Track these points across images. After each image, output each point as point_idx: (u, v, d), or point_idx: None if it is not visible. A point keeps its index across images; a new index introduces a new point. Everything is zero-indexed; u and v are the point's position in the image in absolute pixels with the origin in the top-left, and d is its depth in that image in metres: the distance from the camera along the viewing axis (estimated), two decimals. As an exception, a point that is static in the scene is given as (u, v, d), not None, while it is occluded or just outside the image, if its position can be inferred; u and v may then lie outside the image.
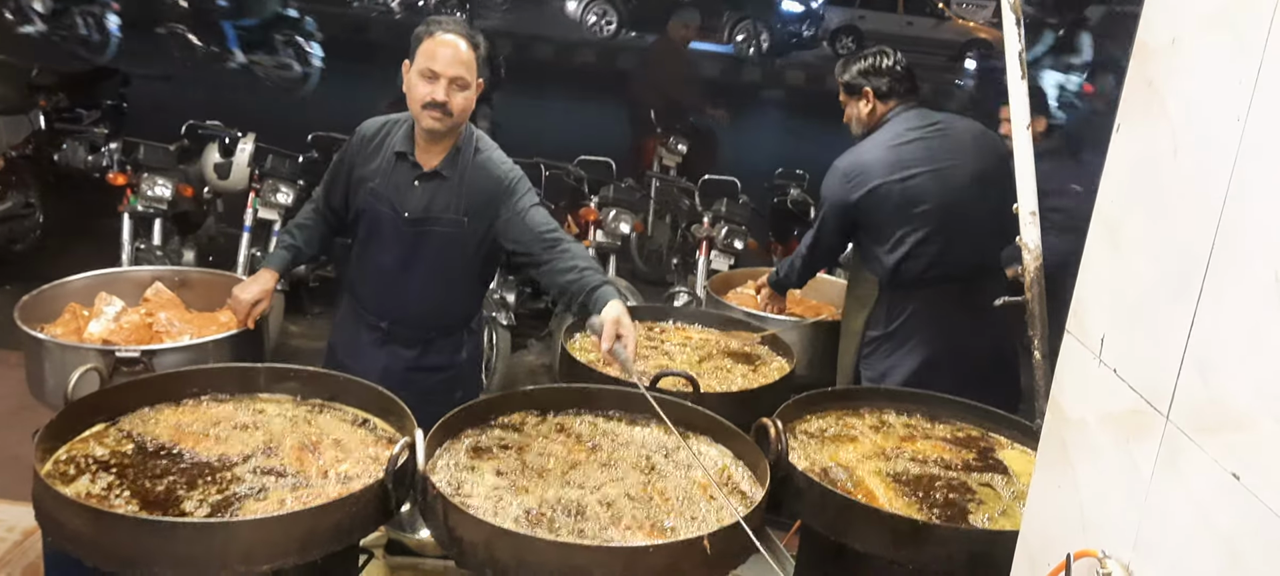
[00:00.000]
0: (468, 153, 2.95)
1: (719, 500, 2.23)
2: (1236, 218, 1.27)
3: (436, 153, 2.93)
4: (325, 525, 1.99)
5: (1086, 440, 1.60)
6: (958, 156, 3.37)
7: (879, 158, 3.38)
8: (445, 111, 2.81)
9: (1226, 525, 1.25)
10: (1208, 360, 1.31)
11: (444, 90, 2.78)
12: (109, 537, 1.89)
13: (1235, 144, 1.28)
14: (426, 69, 2.79)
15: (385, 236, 2.98)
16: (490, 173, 2.95)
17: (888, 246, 3.37)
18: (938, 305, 3.40)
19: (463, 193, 2.93)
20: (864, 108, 3.48)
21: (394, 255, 2.98)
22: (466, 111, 2.87)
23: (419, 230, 2.94)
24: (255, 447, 2.29)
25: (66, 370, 2.45)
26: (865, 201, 3.35)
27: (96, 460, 2.18)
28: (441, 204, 2.93)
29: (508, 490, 2.18)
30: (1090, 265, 1.62)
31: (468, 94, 2.84)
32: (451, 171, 2.93)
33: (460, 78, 2.80)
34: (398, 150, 2.96)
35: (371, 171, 2.99)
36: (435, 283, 3.00)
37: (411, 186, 2.94)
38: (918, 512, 2.30)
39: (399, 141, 2.97)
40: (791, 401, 2.67)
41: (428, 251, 2.96)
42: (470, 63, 2.81)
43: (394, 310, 3.04)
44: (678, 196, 6.85)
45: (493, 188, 2.94)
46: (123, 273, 3.38)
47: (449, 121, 2.83)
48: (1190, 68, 1.40)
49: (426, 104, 2.80)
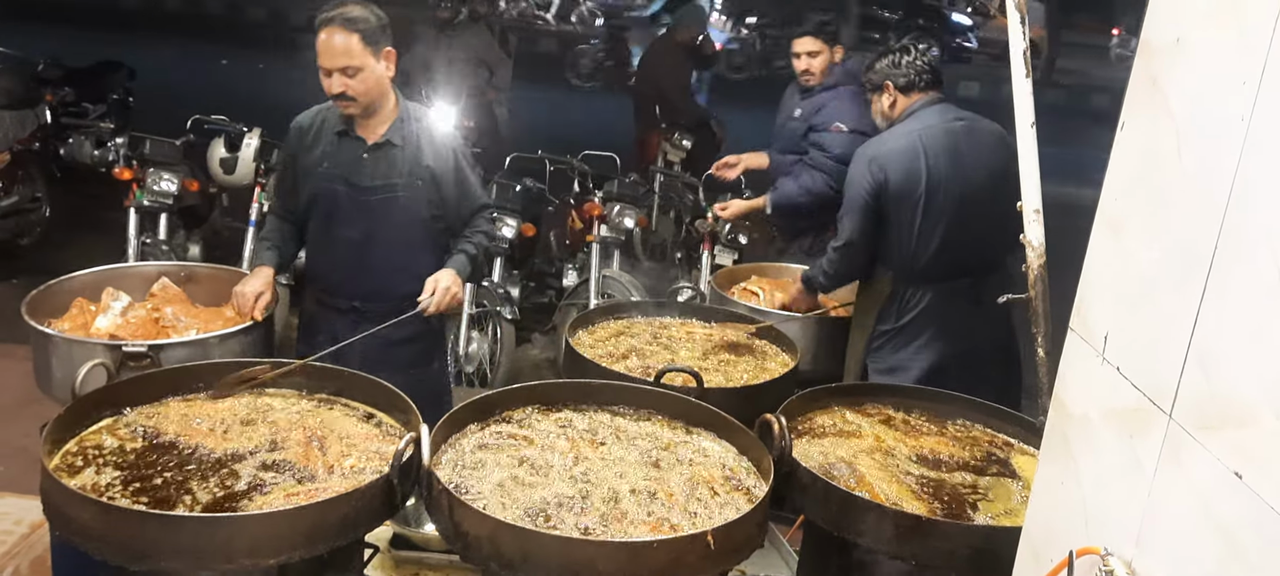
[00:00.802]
0: (409, 120, 3.13)
1: (723, 495, 2.23)
2: (1240, 216, 1.28)
3: (377, 126, 3.10)
4: (331, 519, 2.00)
5: (1089, 436, 1.61)
6: (978, 153, 3.39)
7: (900, 146, 3.44)
8: (347, 98, 2.98)
9: (1229, 522, 1.25)
10: (1210, 357, 1.31)
11: (339, 82, 2.96)
12: (116, 531, 1.91)
13: (1239, 142, 1.28)
14: (320, 66, 2.99)
15: (345, 213, 3.12)
16: (434, 137, 3.16)
17: (904, 235, 3.41)
18: (949, 300, 3.42)
19: (415, 158, 3.11)
20: (886, 101, 3.57)
21: (358, 228, 3.12)
22: (373, 88, 3.02)
23: (378, 198, 3.10)
24: (261, 442, 2.30)
25: (74, 364, 2.47)
26: (885, 188, 3.40)
27: (103, 454, 2.20)
28: (397, 171, 3.10)
29: (512, 484, 2.19)
30: (1094, 261, 1.63)
31: (365, 74, 2.98)
32: (400, 138, 3.10)
33: (348, 66, 2.95)
34: (338, 130, 3.12)
35: (317, 157, 3.14)
36: (399, 249, 3.16)
37: (361, 160, 3.10)
38: (921, 508, 2.31)
39: (337, 121, 3.12)
40: (795, 397, 2.68)
41: (389, 219, 3.12)
42: (352, 48, 2.94)
43: (364, 285, 3.17)
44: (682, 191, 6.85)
45: (437, 151, 3.14)
46: (129, 268, 3.40)
47: (356, 105, 3.01)
48: (1194, 66, 1.40)
49: (331, 97, 3.01)
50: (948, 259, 3.39)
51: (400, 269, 3.16)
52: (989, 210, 3.32)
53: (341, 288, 3.21)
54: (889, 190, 3.41)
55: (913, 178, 3.38)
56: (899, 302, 3.47)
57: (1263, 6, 1.26)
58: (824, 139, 4.37)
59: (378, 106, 3.08)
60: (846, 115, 4.35)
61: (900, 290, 3.47)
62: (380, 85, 3.03)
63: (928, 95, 3.51)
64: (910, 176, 3.39)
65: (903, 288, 3.46)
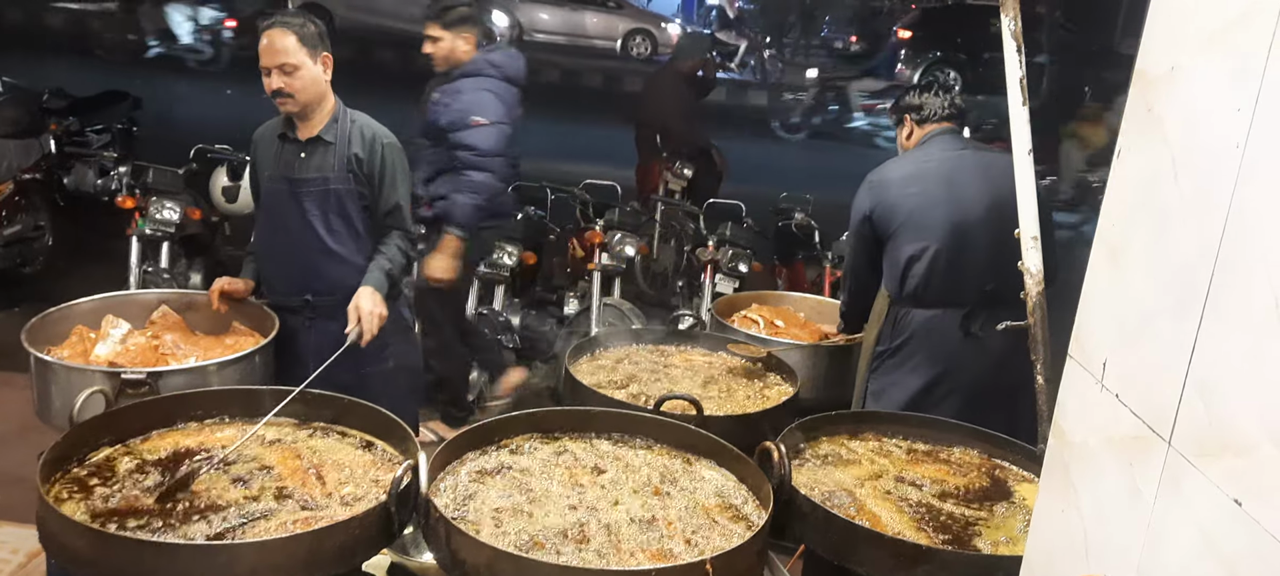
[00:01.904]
0: (344, 121, 3.30)
1: (722, 524, 2.22)
2: (1237, 242, 1.28)
3: (313, 125, 3.28)
4: (328, 547, 1.99)
5: (1089, 464, 1.60)
6: (978, 181, 3.41)
7: (900, 171, 3.52)
8: (285, 94, 3.16)
9: (1229, 551, 1.25)
10: (1209, 385, 1.31)
11: (277, 79, 3.15)
12: (112, 560, 1.90)
13: (1235, 169, 1.29)
14: (261, 65, 3.18)
15: (285, 208, 3.31)
16: (366, 134, 3.31)
17: (896, 257, 3.43)
18: (939, 325, 3.43)
19: (344, 151, 3.27)
20: (904, 133, 3.66)
21: (296, 221, 3.29)
22: (309, 87, 3.20)
23: (309, 190, 3.27)
24: (259, 469, 2.29)
25: (72, 392, 2.47)
26: (879, 209, 3.46)
27: (101, 482, 2.19)
28: (328, 165, 3.27)
29: (510, 513, 2.18)
30: (1092, 289, 1.63)
31: (303, 72, 3.17)
32: (333, 135, 3.27)
33: (285, 64, 3.14)
34: (279, 133, 3.32)
35: (266, 161, 3.36)
36: (338, 241, 3.31)
37: (299, 158, 3.29)
38: (922, 537, 2.29)
39: (278, 126, 3.33)
40: (795, 425, 2.67)
41: (325, 209, 3.28)
42: (290, 47, 3.14)
43: (309, 280, 3.32)
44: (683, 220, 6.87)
45: (369, 143, 3.31)
46: (129, 295, 3.41)
47: (294, 102, 3.20)
48: (1190, 94, 1.41)
49: (271, 94, 3.20)
50: (939, 284, 3.40)
51: (338, 261, 3.31)
52: (987, 238, 3.33)
53: (292, 283, 3.37)
54: (878, 211, 3.47)
55: (903, 199, 3.42)
56: (893, 324, 3.50)
57: (1256, 35, 1.27)
58: (467, 137, 4.41)
59: (314, 108, 3.26)
60: (486, 108, 4.42)
61: (893, 311, 3.49)
62: (316, 86, 3.23)
63: (941, 126, 3.55)
64: (901, 198, 3.43)
65: (896, 309, 3.48)
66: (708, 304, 5.51)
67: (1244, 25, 1.30)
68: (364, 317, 3.06)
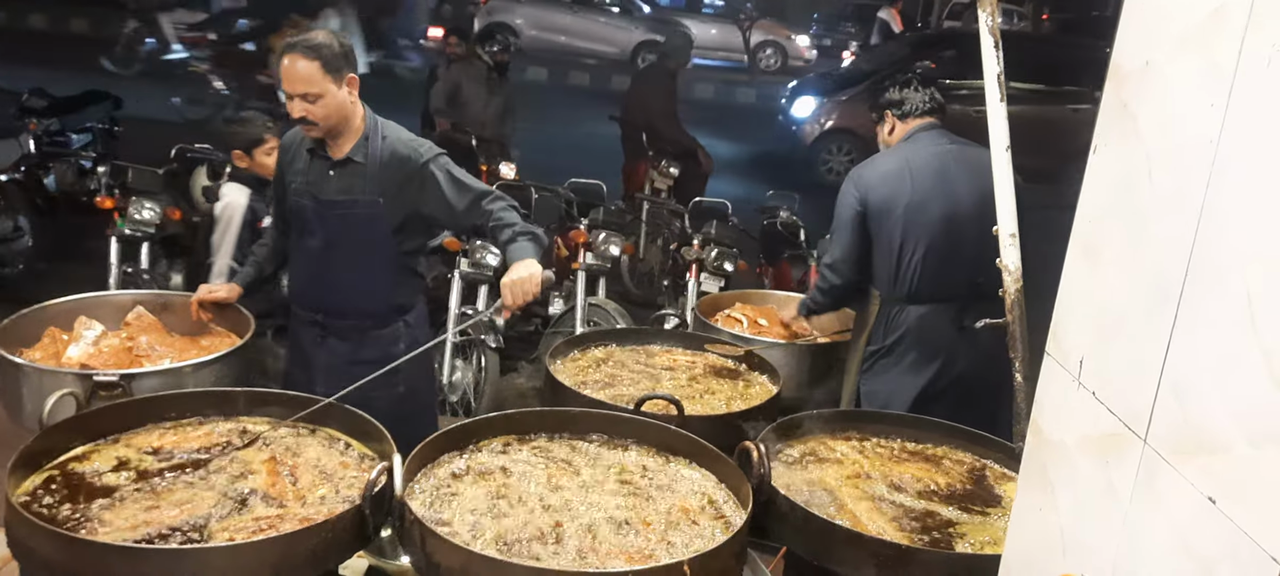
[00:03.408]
0: (376, 139, 3.18)
1: (701, 524, 2.21)
2: (1211, 239, 1.27)
3: (343, 145, 3.18)
4: (300, 551, 1.97)
5: (1067, 463, 1.59)
6: (966, 178, 3.41)
7: (888, 168, 3.50)
8: (309, 122, 3.08)
9: (1203, 549, 1.24)
10: (1183, 382, 1.30)
11: (300, 106, 3.05)
12: (80, 564, 1.87)
13: (1209, 165, 1.28)
14: (284, 90, 3.10)
15: (309, 225, 3.21)
16: (398, 153, 3.18)
17: (887, 255, 3.44)
18: (933, 321, 3.43)
19: (376, 175, 3.16)
20: (886, 129, 3.63)
21: (318, 240, 3.20)
22: (334, 113, 3.10)
23: (337, 213, 3.17)
24: (232, 472, 2.26)
25: (43, 394, 2.44)
26: (869, 207, 3.45)
27: (70, 485, 2.16)
28: (358, 187, 3.16)
29: (487, 515, 2.16)
30: (1069, 286, 1.62)
31: (326, 100, 3.06)
32: (364, 157, 3.16)
33: (307, 93, 3.05)
34: (309, 147, 3.22)
35: (296, 172, 3.25)
36: (359, 266, 3.21)
37: (328, 176, 3.18)
38: (902, 537, 2.28)
39: (310, 139, 3.22)
40: (776, 424, 2.65)
41: (348, 234, 3.18)
42: (313, 75, 3.03)
43: (325, 297, 3.24)
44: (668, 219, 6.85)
45: (401, 165, 3.16)
46: (104, 296, 3.37)
47: (318, 128, 3.10)
48: (1163, 91, 1.40)
49: (295, 120, 3.12)
50: (932, 280, 3.40)
51: (359, 285, 3.20)
52: (977, 233, 3.33)
53: (306, 298, 3.32)
54: (871, 208, 3.45)
55: (896, 196, 3.42)
56: (885, 322, 3.49)
57: (1229, 31, 1.26)
58: None
59: (342, 128, 3.16)
60: None
61: (885, 310, 3.48)
62: (341, 110, 3.11)
63: (924, 121, 3.55)
64: (893, 195, 3.42)
65: (888, 307, 3.48)
66: (692, 303, 5.49)
67: (1217, 21, 1.29)
68: (516, 291, 2.86)
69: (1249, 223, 1.20)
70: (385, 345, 3.16)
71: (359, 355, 3.13)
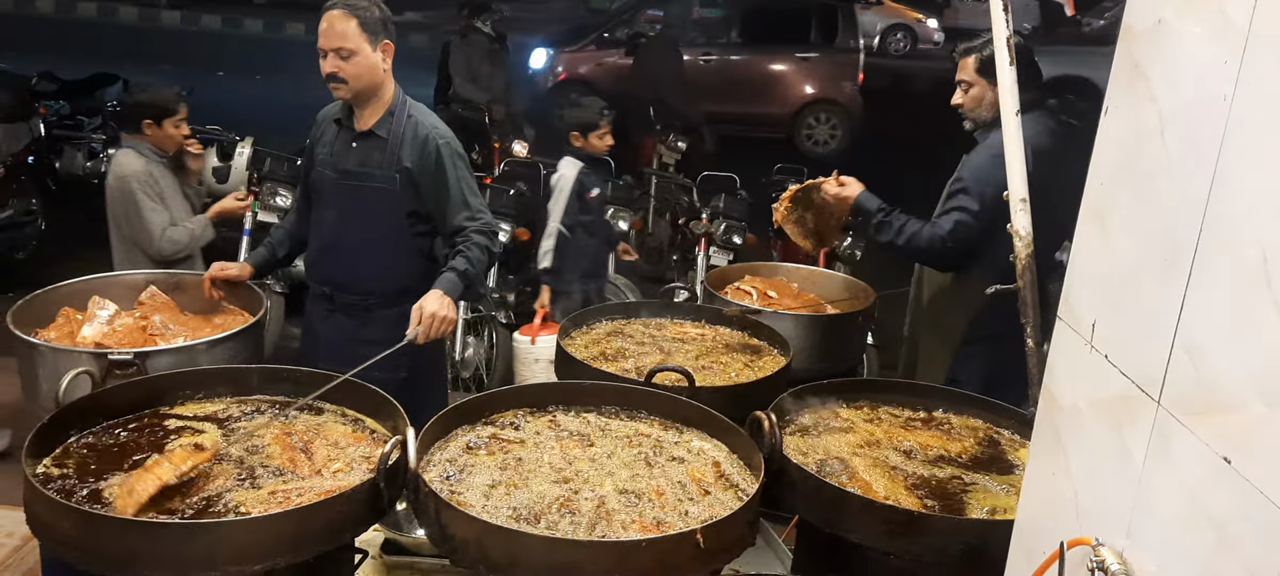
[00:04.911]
0: (401, 115, 3.15)
1: (714, 494, 2.21)
2: (1224, 198, 1.26)
3: (368, 116, 3.15)
4: (316, 524, 1.98)
5: (1079, 427, 1.59)
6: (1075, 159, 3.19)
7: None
8: (339, 80, 3.04)
9: (1218, 510, 1.23)
10: (1197, 343, 1.29)
11: (332, 62, 3.01)
12: (98, 540, 1.88)
13: (1222, 123, 1.26)
14: (319, 46, 3.05)
15: (326, 197, 3.22)
16: (419, 133, 3.14)
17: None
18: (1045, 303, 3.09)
19: (396, 151, 3.13)
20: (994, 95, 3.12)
21: (332, 212, 3.20)
22: (365, 74, 3.06)
23: (352, 184, 3.17)
24: (247, 447, 2.28)
25: (58, 373, 2.46)
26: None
27: (88, 462, 2.17)
28: (375, 161, 3.14)
29: (500, 487, 2.17)
30: (1080, 249, 1.61)
31: (359, 59, 3.02)
32: (387, 132, 3.13)
33: (342, 48, 3.00)
34: (336, 118, 3.21)
35: (322, 145, 3.25)
36: (370, 241, 3.19)
37: (349, 148, 3.18)
38: (914, 503, 2.28)
39: (337, 110, 3.22)
40: (786, 394, 2.65)
41: (361, 208, 3.17)
42: (349, 32, 3.00)
43: (334, 271, 3.24)
44: (677, 193, 6.84)
45: (421, 145, 3.13)
46: (117, 276, 3.38)
47: (348, 89, 3.07)
48: (1176, 48, 1.38)
49: (325, 77, 3.05)
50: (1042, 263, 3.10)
51: (368, 262, 3.19)
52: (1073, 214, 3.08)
53: (317, 270, 3.33)
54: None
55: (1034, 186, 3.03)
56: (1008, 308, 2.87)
57: (1243, -15, 1.24)
58: None
59: (371, 96, 3.12)
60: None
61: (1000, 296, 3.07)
62: (373, 73, 3.08)
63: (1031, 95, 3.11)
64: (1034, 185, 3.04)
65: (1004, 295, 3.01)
66: (702, 276, 5.49)
67: (1231, -25, 1.27)
68: (425, 319, 2.87)
69: (1263, 180, 1.18)
70: (390, 326, 3.12)
71: (363, 334, 3.14)
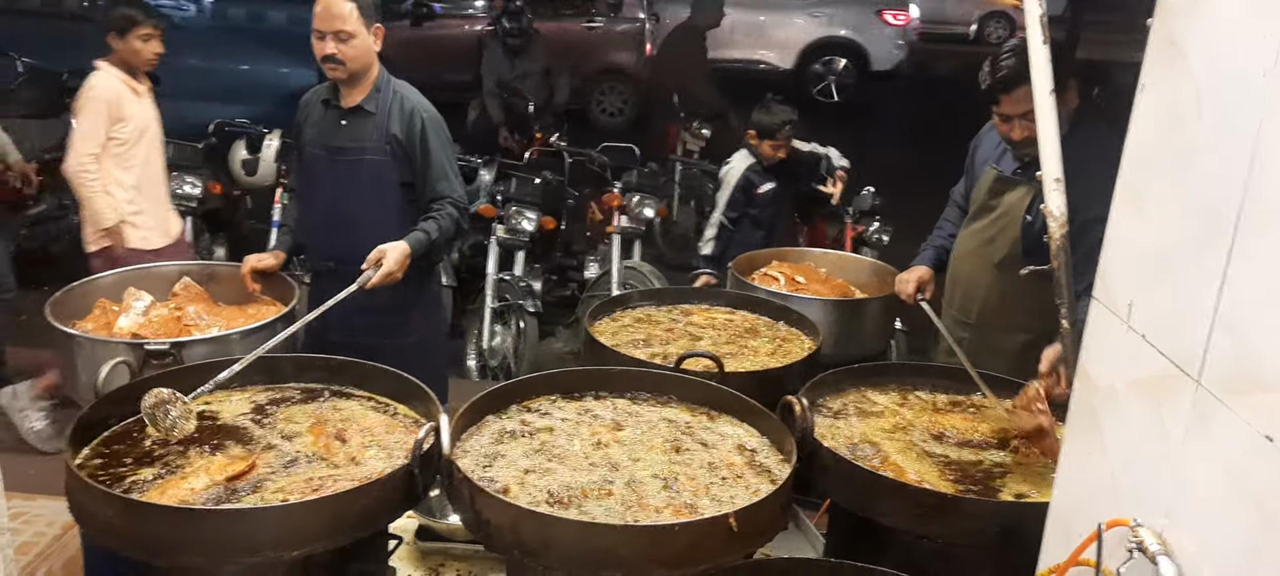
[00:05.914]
0: (387, 91, 3.30)
1: (746, 478, 2.22)
2: (1264, 174, 1.24)
3: (356, 94, 3.29)
4: (352, 510, 2.00)
5: (1116, 407, 1.57)
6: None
7: None
8: (337, 61, 3.16)
9: (1260, 488, 1.22)
10: (1237, 320, 1.28)
11: (331, 44, 3.15)
12: (139, 527, 1.92)
13: (1261, 98, 1.25)
14: (315, 28, 3.18)
15: (319, 174, 3.35)
16: (405, 107, 3.29)
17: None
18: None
19: (384, 124, 3.27)
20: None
21: (330, 189, 3.33)
22: (361, 56, 3.21)
23: (345, 159, 3.29)
24: (282, 435, 2.31)
25: (97, 364, 2.49)
26: None
27: (128, 451, 2.21)
28: (365, 134, 3.28)
29: (533, 472, 2.18)
30: (1116, 229, 1.59)
31: (356, 41, 3.17)
32: (374, 106, 3.28)
33: (341, 31, 3.14)
34: (323, 99, 3.35)
35: (309, 126, 3.39)
36: (365, 212, 3.31)
37: (339, 126, 3.31)
38: (946, 486, 2.28)
39: (324, 91, 3.35)
40: (817, 378, 2.65)
41: (355, 181, 3.29)
42: (347, 15, 3.14)
43: (336, 246, 3.32)
44: (702, 180, 6.82)
45: (408, 117, 3.27)
46: (151, 268, 3.43)
47: (344, 70, 3.20)
48: (1213, 22, 1.36)
49: (322, 58, 3.20)
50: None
51: (368, 233, 3.23)
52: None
53: (319, 247, 3.43)
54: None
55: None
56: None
57: (1284, -44, 1.22)
58: None
59: (361, 76, 3.27)
60: None
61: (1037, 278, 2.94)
62: (367, 54, 3.23)
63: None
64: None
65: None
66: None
67: (1271, -53, 1.25)
68: (385, 263, 3.01)
69: (1306, 154, 1.17)
70: (393, 292, 3.16)
71: (368, 303, 3.13)
